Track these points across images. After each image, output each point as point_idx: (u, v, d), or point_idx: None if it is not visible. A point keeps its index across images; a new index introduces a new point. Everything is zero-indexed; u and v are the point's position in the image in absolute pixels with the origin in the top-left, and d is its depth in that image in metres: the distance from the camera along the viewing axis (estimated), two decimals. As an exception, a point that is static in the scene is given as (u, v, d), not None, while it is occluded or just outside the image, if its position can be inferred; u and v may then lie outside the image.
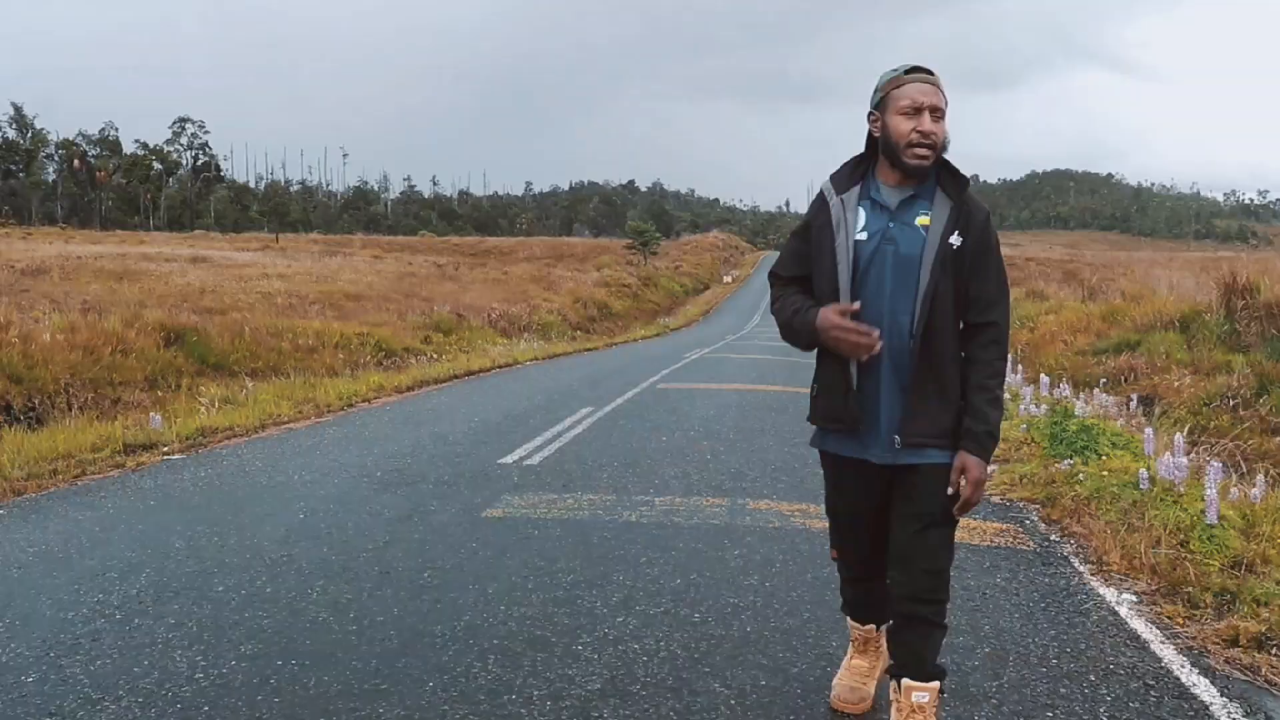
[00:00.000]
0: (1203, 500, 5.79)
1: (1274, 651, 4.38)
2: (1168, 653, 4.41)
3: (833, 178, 3.20)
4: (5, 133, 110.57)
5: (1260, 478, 6.69)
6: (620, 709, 3.67)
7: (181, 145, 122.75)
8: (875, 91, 3.10)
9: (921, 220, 3.04)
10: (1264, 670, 4.21)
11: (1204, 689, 4.02)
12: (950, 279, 3.02)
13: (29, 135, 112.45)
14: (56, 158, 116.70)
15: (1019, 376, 13.18)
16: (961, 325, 3.13)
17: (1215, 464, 6.15)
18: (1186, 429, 8.96)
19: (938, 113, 3.00)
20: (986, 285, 3.08)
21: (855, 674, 3.64)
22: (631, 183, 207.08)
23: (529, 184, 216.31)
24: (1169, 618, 4.85)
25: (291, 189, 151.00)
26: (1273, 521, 5.92)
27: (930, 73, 3.05)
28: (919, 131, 2.97)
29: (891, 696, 3.29)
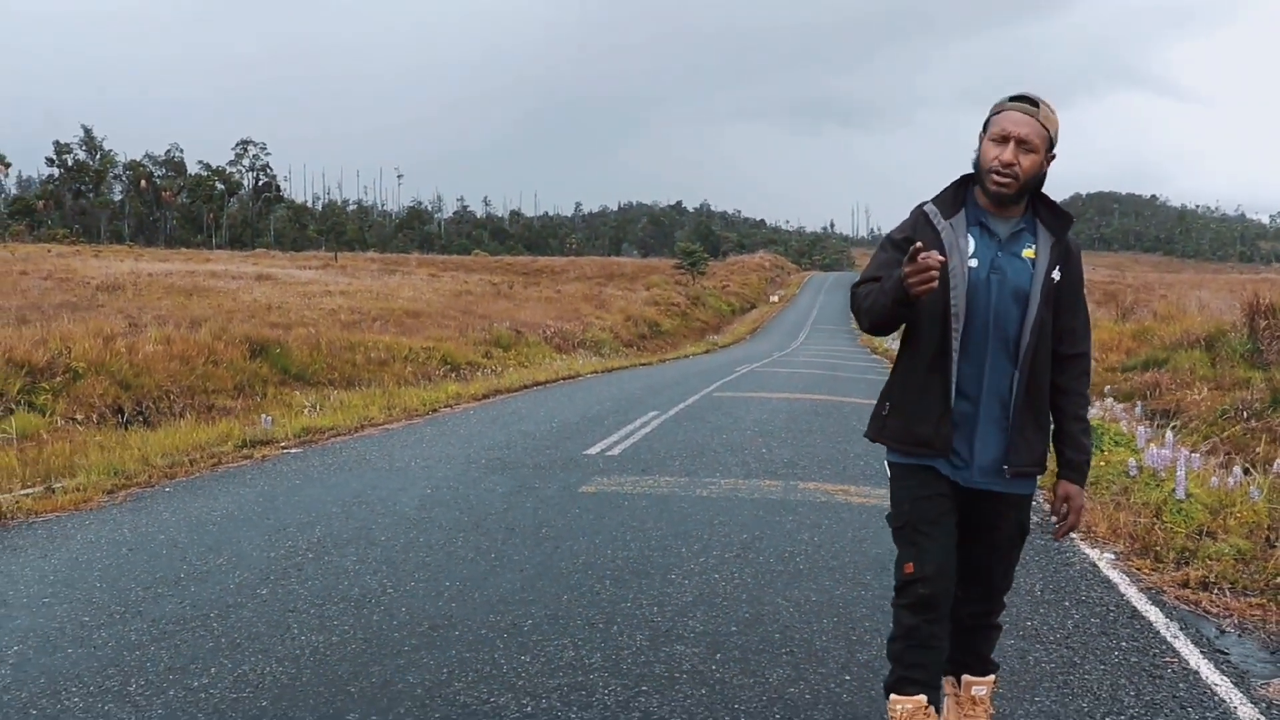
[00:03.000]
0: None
1: (1215, 592, 5.59)
2: (1130, 591, 5.64)
3: (936, 201, 3.18)
4: (76, 154, 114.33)
5: (1237, 468, 7.89)
6: (709, 612, 5.02)
7: (244, 166, 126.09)
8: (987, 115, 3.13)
9: (1027, 253, 3.09)
10: (1204, 604, 5.44)
11: (1154, 615, 5.25)
12: (1050, 312, 3.09)
13: (98, 157, 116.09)
14: (124, 178, 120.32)
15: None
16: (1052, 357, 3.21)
17: (1187, 453, 7.37)
18: (1176, 431, 10.08)
19: (1026, 144, 2.98)
20: (1077, 318, 3.19)
21: None
22: (679, 203, 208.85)
23: (578, 204, 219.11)
24: (1137, 569, 6.08)
25: (348, 209, 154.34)
26: (1241, 502, 7.11)
27: (1034, 103, 3.02)
28: (1000, 160, 2.99)
29: (948, 690, 3.41)
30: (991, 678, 3.42)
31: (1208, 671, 4.39)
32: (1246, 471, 8.09)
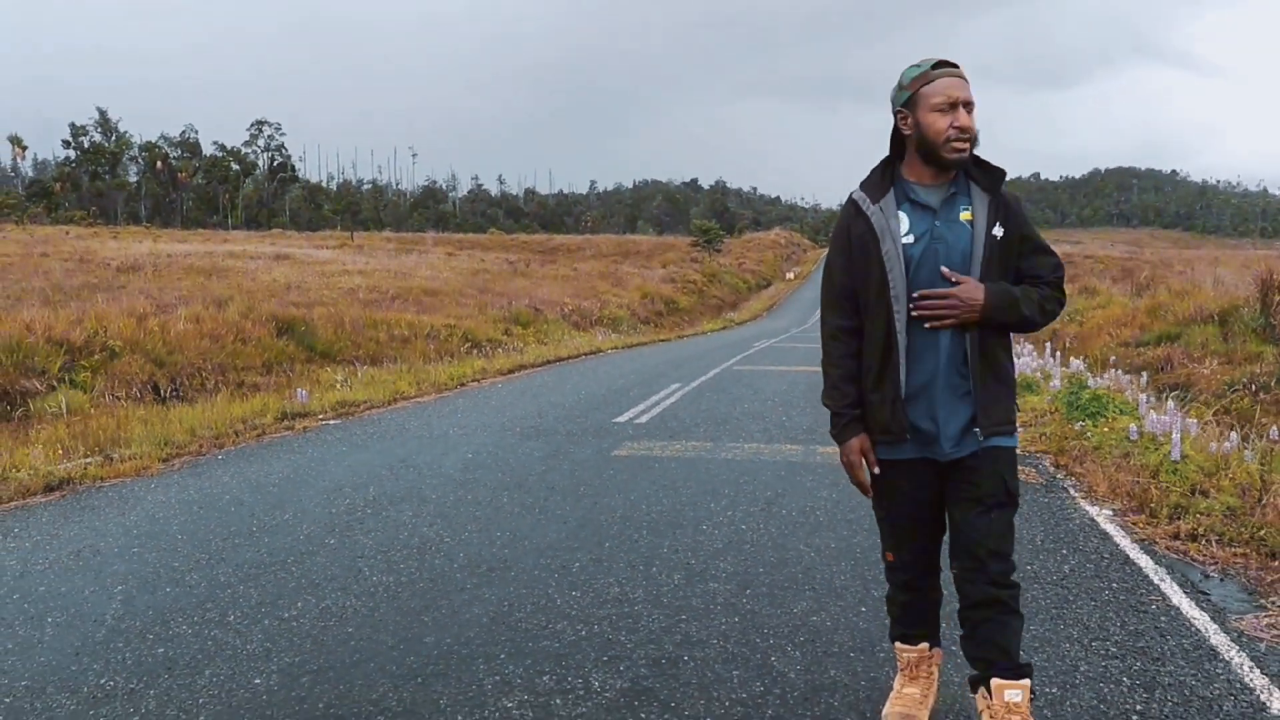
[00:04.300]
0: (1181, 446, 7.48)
1: (1202, 543, 6.07)
2: (1125, 542, 6.13)
3: (864, 186, 3.19)
4: (92, 136, 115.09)
5: (1234, 434, 8.35)
6: (738, 556, 5.55)
7: (259, 147, 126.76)
8: (900, 89, 3.10)
9: (964, 215, 3.07)
10: (1191, 552, 5.92)
11: (1144, 561, 5.73)
12: (997, 269, 3.06)
13: (114, 139, 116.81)
14: (140, 160, 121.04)
15: (1054, 359, 14.73)
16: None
17: (1182, 418, 7.83)
18: (1186, 403, 10.52)
19: (970, 106, 3.02)
20: (1040, 259, 3.16)
21: (907, 703, 3.42)
22: (694, 181, 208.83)
23: (593, 182, 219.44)
24: (1133, 523, 6.56)
25: (363, 188, 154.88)
26: (1236, 465, 7.57)
27: (956, 66, 3.04)
28: (956, 127, 2.98)
29: (980, 706, 3.22)
30: (1026, 682, 3.13)
31: (1188, 608, 4.88)
32: (1245, 439, 8.55)
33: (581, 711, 3.60)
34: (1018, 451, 3.27)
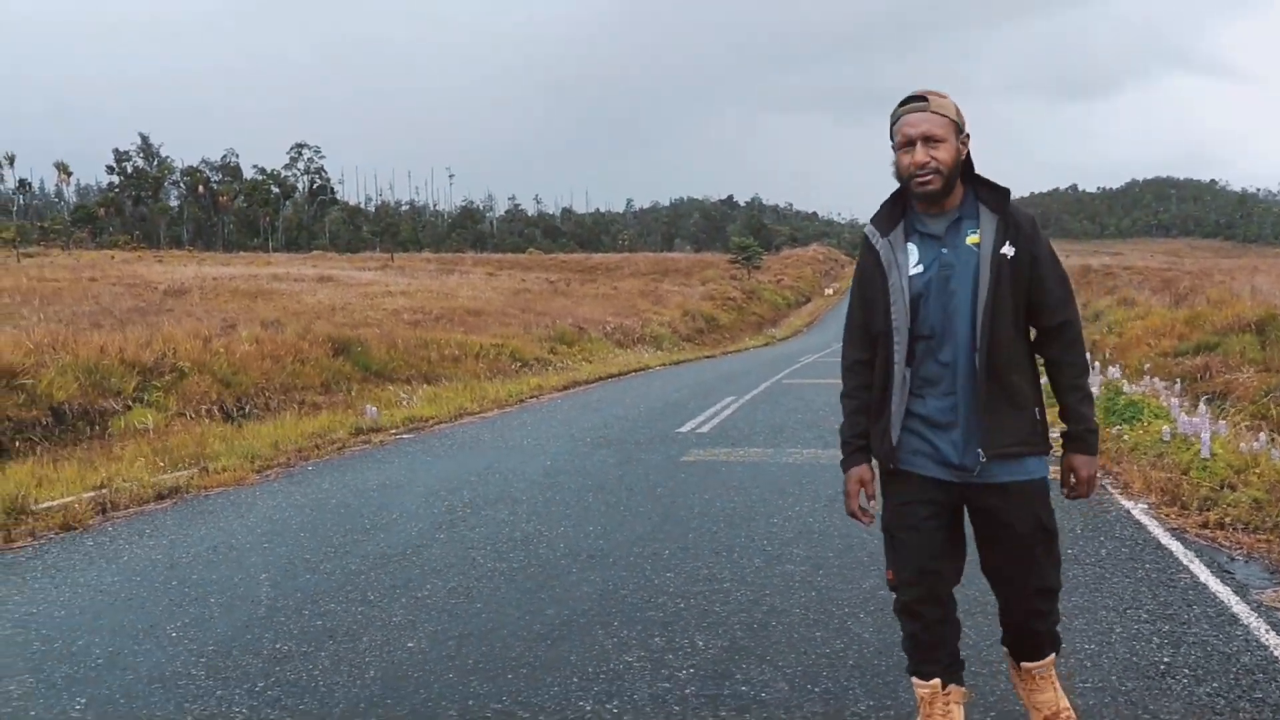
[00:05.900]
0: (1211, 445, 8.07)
1: (1229, 531, 6.66)
2: (1158, 530, 6.73)
3: (874, 220, 3.19)
4: (135, 161, 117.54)
5: (1262, 435, 8.90)
6: (809, 543, 6.25)
7: (299, 170, 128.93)
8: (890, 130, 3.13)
9: (971, 239, 3.04)
10: (1218, 539, 6.52)
11: (1176, 547, 6.33)
12: (1009, 289, 3.01)
13: (155, 163, 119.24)
14: (182, 185, 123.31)
15: (1094, 368, 15.24)
16: (1034, 333, 3.17)
17: (1211, 419, 8.41)
18: (1224, 411, 11.05)
19: (931, 139, 2.98)
20: (1049, 288, 3.08)
21: None
22: (730, 198, 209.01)
23: (629, 200, 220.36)
24: (1165, 515, 7.15)
25: (401, 209, 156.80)
26: (1264, 462, 8.14)
27: (923, 99, 3.03)
28: (914, 164, 2.99)
29: (1009, 665, 3.46)
30: (1051, 658, 3.32)
31: (1214, 584, 5.48)
32: (1273, 440, 9.09)
33: (692, 663, 4.28)
34: (1059, 453, 3.25)
